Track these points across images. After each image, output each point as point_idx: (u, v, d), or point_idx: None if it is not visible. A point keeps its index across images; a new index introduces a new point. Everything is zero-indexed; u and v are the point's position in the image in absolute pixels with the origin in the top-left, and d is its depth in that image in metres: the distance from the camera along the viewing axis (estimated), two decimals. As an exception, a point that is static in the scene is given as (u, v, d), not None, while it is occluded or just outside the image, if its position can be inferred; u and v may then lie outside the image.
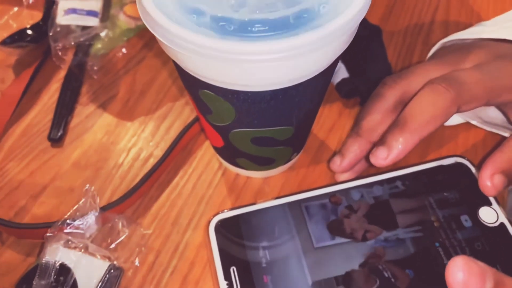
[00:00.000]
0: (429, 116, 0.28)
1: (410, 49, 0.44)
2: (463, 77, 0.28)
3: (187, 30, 0.21)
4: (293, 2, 0.22)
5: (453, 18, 0.47)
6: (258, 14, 0.21)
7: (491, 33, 0.34)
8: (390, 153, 0.28)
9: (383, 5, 0.48)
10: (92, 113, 0.40)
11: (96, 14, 0.46)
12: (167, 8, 0.22)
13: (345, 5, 0.22)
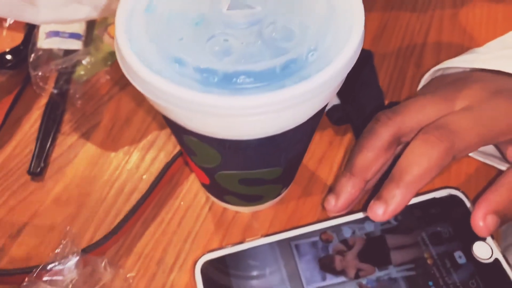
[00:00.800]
0: (423, 169, 0.27)
1: (402, 72, 0.43)
2: (457, 124, 0.28)
3: (168, 81, 0.20)
4: (280, 51, 0.21)
5: (445, 39, 0.46)
6: (243, 65, 0.20)
7: (485, 62, 0.33)
8: (388, 208, 0.27)
9: (374, 26, 0.47)
10: (74, 143, 0.39)
11: (79, 37, 0.45)
12: (147, 55, 0.21)
13: (335, 52, 0.21)
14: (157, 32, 0.22)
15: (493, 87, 0.30)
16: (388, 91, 0.42)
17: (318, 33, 0.21)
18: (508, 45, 0.37)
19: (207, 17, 0.22)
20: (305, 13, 0.22)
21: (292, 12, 0.22)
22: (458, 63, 0.34)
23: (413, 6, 0.49)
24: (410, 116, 0.29)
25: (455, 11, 0.48)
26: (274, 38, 0.22)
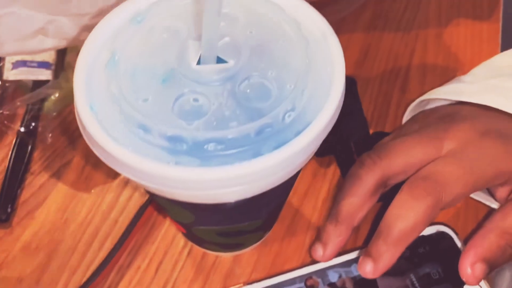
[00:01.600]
0: (411, 224, 0.26)
1: (387, 98, 0.42)
2: (444, 175, 0.26)
3: (130, 152, 0.18)
4: (255, 113, 0.19)
5: (430, 61, 0.45)
6: (214, 131, 0.18)
7: (471, 95, 0.31)
8: (377, 266, 0.26)
9: (357, 48, 0.46)
10: (44, 183, 0.37)
11: (48, 66, 0.42)
12: (108, 119, 0.19)
13: (315, 110, 0.20)
14: (120, 91, 0.20)
15: (482, 126, 0.28)
16: (373, 119, 0.40)
17: (296, 89, 0.20)
18: (494, 72, 0.36)
19: (175, 73, 0.20)
20: (281, 66, 0.21)
21: (267, 66, 0.21)
22: (444, 95, 0.33)
23: (397, 25, 0.48)
24: (396, 159, 0.28)
25: (440, 30, 0.47)
26: (248, 97, 0.20)
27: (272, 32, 0.22)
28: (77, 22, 0.34)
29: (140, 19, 0.22)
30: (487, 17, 0.48)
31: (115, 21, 0.22)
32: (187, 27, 0.22)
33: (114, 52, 0.21)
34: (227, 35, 0.22)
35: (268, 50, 0.21)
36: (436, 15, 0.49)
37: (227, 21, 0.22)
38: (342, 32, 0.47)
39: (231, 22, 0.22)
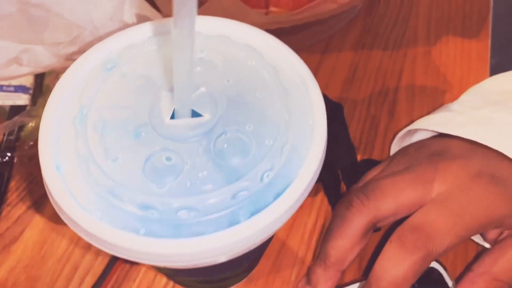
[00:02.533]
0: (401, 277, 0.25)
1: (375, 121, 0.41)
2: (434, 226, 0.25)
3: (97, 221, 0.17)
4: (231, 173, 0.18)
5: (419, 81, 0.44)
6: (186, 197, 0.17)
7: (459, 128, 0.30)
8: None
9: (345, 68, 0.45)
10: (22, 215, 0.35)
11: (26, 90, 0.41)
12: (76, 183, 0.18)
13: (294, 169, 0.19)
14: (88, 150, 0.19)
15: (473, 168, 0.28)
16: (360, 145, 0.40)
17: (275, 145, 0.19)
18: (483, 99, 0.35)
19: (148, 128, 0.19)
20: (260, 120, 0.20)
21: (245, 119, 0.20)
22: (432, 127, 0.32)
23: (385, 42, 0.47)
24: (386, 202, 0.27)
25: (429, 47, 0.46)
26: (225, 154, 0.19)
27: (250, 81, 0.21)
28: (52, 51, 0.33)
29: (111, 66, 0.21)
30: (476, 34, 0.48)
31: (84, 68, 0.21)
32: (162, 74, 0.21)
33: (83, 105, 0.19)
34: (203, 85, 0.21)
35: (246, 101, 0.20)
36: (425, 31, 0.48)
37: (203, 67, 0.21)
38: (330, 50, 0.46)
39: (208, 68, 0.21)
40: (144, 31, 0.22)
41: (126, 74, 0.21)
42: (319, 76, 0.44)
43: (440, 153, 0.30)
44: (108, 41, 0.22)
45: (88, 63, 0.21)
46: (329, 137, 0.38)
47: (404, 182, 0.28)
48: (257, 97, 0.20)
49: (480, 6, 0.50)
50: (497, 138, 0.29)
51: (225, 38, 0.22)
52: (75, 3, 0.31)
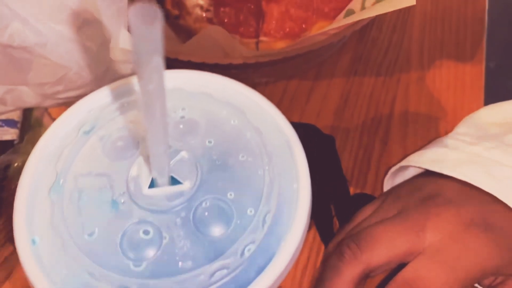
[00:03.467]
0: None
1: (368, 151, 0.40)
2: (427, 280, 0.25)
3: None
4: (212, 248, 0.18)
5: (412, 108, 0.43)
6: (163, 279, 0.17)
7: (453, 168, 0.30)
8: None
9: (337, 95, 0.44)
10: (9, 256, 0.35)
11: (14, 124, 0.40)
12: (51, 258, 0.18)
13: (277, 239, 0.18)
14: (64, 223, 0.18)
15: (467, 216, 0.27)
16: (353, 177, 0.39)
17: (257, 215, 0.18)
18: (478, 132, 0.34)
19: (125, 198, 0.19)
20: (242, 186, 0.19)
21: (226, 186, 0.19)
22: (426, 165, 0.32)
23: (378, 68, 0.46)
24: (378, 252, 0.26)
25: (422, 73, 0.46)
26: (205, 225, 0.18)
27: (233, 142, 0.20)
28: (37, 91, 0.33)
29: (89, 128, 0.20)
30: (470, 58, 0.47)
31: (61, 133, 0.20)
32: (141, 138, 0.20)
33: (59, 173, 0.19)
34: (184, 147, 0.20)
35: (229, 165, 0.20)
36: (418, 55, 0.47)
37: (185, 127, 0.21)
38: (321, 77, 0.45)
39: (189, 128, 0.21)
40: (124, 89, 0.22)
41: (104, 137, 0.20)
42: (311, 104, 0.43)
43: (433, 197, 0.29)
44: (86, 102, 0.21)
45: (65, 127, 0.20)
46: (321, 171, 0.37)
47: (396, 230, 0.27)
48: (240, 160, 0.20)
49: (474, 28, 0.50)
50: (491, 182, 0.28)
51: (207, 96, 0.22)
52: (59, 45, 0.31)
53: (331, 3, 0.42)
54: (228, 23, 0.41)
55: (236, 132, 0.20)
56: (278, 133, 0.21)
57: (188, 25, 0.42)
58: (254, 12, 0.42)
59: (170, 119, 0.21)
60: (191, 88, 0.22)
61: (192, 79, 0.22)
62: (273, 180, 0.19)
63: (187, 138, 0.20)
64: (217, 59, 0.37)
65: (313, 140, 0.37)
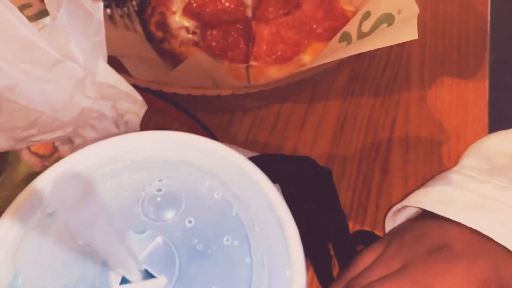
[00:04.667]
0: None
1: (367, 181, 0.38)
2: None
3: None
4: None
5: (413, 132, 0.41)
6: None
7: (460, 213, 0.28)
8: None
9: (333, 119, 0.42)
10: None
11: (-10, 160, 0.38)
12: None
13: None
14: (24, 330, 0.16)
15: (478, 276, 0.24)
16: (352, 210, 0.37)
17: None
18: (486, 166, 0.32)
19: (94, 297, 0.16)
20: (226, 278, 0.17)
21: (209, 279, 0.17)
22: (431, 207, 0.29)
23: (376, 88, 0.44)
24: None
25: (422, 92, 0.43)
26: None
27: (216, 222, 0.18)
28: (8, 135, 0.30)
29: (52, 210, 0.18)
30: (473, 74, 0.45)
31: (21, 215, 0.18)
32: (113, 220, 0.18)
33: (18, 270, 0.16)
34: (161, 230, 0.18)
35: (211, 251, 0.17)
36: (418, 73, 0.45)
37: (162, 202, 0.18)
38: (316, 99, 0.43)
39: (167, 204, 0.18)
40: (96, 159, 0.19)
41: (71, 219, 0.18)
42: (306, 129, 0.41)
43: (440, 249, 0.27)
44: (50, 174, 0.19)
45: (26, 207, 0.18)
46: (318, 208, 0.35)
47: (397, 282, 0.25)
48: (224, 245, 0.17)
49: (476, 40, 0.47)
50: (504, 232, 0.26)
51: (187, 165, 0.19)
52: (30, 87, 0.28)
53: (324, 23, 0.40)
54: (216, 47, 0.39)
55: (220, 208, 0.18)
56: (268, 208, 0.18)
57: (173, 49, 0.40)
58: (244, 33, 0.40)
59: (145, 193, 0.19)
60: (168, 155, 0.19)
61: (169, 143, 0.20)
62: (263, 267, 0.17)
63: (165, 215, 0.18)
64: (204, 90, 0.34)
65: (309, 174, 0.35)
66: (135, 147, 0.20)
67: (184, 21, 0.41)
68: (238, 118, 0.41)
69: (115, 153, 0.20)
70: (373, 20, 0.33)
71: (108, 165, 0.19)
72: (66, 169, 0.17)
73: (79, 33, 0.30)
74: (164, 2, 0.42)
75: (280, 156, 0.37)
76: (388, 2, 0.32)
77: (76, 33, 0.30)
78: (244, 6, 0.41)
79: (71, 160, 0.19)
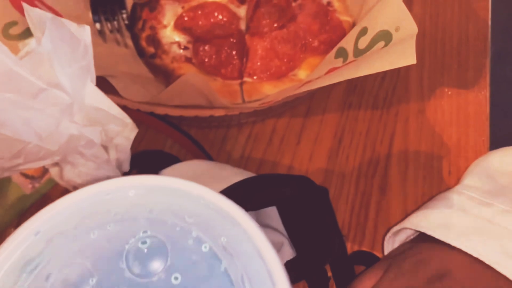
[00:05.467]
0: None
1: (365, 200, 0.37)
2: None
3: None
4: None
5: (412, 147, 0.40)
6: None
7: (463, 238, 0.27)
8: None
9: (330, 135, 0.41)
10: None
11: (-21, 183, 0.37)
12: None
13: None
14: None
15: None
16: (350, 229, 0.36)
17: None
18: (490, 188, 0.31)
19: None
20: None
21: None
22: (432, 231, 0.29)
23: (374, 100, 0.43)
24: None
25: (422, 104, 0.42)
26: None
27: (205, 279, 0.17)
28: (-7, 165, 0.29)
29: (34, 266, 0.17)
30: (473, 84, 0.44)
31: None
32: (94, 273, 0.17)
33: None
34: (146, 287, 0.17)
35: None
36: (417, 83, 0.44)
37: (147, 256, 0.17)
38: (312, 113, 0.42)
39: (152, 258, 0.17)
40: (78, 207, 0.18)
41: (51, 276, 0.17)
42: (302, 145, 0.40)
43: (441, 278, 0.26)
44: (30, 226, 0.18)
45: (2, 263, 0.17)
46: (315, 229, 0.34)
47: None
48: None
49: (476, 47, 0.46)
50: (507, 262, 0.25)
51: (173, 215, 0.18)
52: (13, 117, 0.27)
53: (320, 36, 0.39)
54: (209, 64, 0.38)
55: (208, 263, 0.17)
56: (259, 259, 0.17)
57: (165, 65, 0.39)
58: (237, 47, 0.39)
59: (129, 246, 0.18)
60: (153, 203, 0.18)
61: (155, 189, 0.19)
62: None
63: (150, 271, 0.17)
64: (197, 111, 0.33)
65: (305, 195, 0.34)
66: (119, 194, 0.19)
67: (176, 36, 0.40)
68: (233, 133, 0.40)
69: (98, 202, 0.19)
70: (370, 36, 0.32)
71: (91, 215, 0.18)
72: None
73: (65, 57, 0.29)
74: (155, 16, 0.40)
75: (276, 176, 0.36)
76: (386, 18, 0.31)
77: (62, 58, 0.29)
78: (238, 18, 0.40)
79: (52, 211, 0.18)
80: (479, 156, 0.39)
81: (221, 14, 0.40)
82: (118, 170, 0.34)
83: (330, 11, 0.41)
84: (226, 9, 0.40)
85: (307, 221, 0.34)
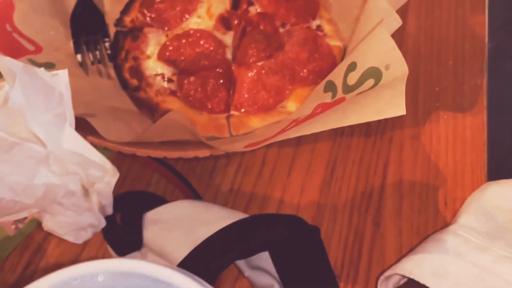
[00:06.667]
0: None
1: (359, 235, 0.36)
2: None
3: None
4: None
5: (407, 177, 0.39)
6: None
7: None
8: None
9: (322, 165, 0.39)
10: None
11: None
12: None
13: None
14: None
15: None
16: (343, 269, 0.35)
17: None
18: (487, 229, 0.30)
19: None
20: None
21: None
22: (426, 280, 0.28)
23: (367, 126, 0.41)
24: None
25: (417, 130, 0.41)
26: None
27: None
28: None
29: None
30: (470, 107, 0.42)
31: None
32: None
33: None
34: None
35: None
36: (412, 107, 0.42)
37: None
38: (303, 141, 0.40)
39: None
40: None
41: None
42: (293, 177, 0.39)
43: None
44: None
45: None
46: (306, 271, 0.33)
47: None
48: None
49: (472, 66, 0.44)
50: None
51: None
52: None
53: (309, 65, 0.37)
54: (194, 97, 0.36)
55: None
56: None
57: (149, 98, 0.37)
58: (224, 78, 0.37)
59: None
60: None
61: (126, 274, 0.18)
62: None
63: None
64: (180, 153, 0.32)
65: (296, 236, 0.33)
66: (88, 279, 0.18)
67: (159, 67, 0.38)
68: (221, 165, 0.39)
69: None
70: (359, 73, 0.31)
71: None
72: None
73: (38, 107, 0.27)
74: (138, 45, 0.39)
75: (267, 217, 0.35)
76: (375, 54, 0.30)
77: (35, 107, 0.27)
78: (224, 47, 0.39)
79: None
80: (476, 185, 0.37)
81: (207, 43, 0.38)
82: (101, 214, 0.33)
83: (319, 37, 0.39)
84: (211, 36, 0.39)
85: (299, 263, 0.33)
